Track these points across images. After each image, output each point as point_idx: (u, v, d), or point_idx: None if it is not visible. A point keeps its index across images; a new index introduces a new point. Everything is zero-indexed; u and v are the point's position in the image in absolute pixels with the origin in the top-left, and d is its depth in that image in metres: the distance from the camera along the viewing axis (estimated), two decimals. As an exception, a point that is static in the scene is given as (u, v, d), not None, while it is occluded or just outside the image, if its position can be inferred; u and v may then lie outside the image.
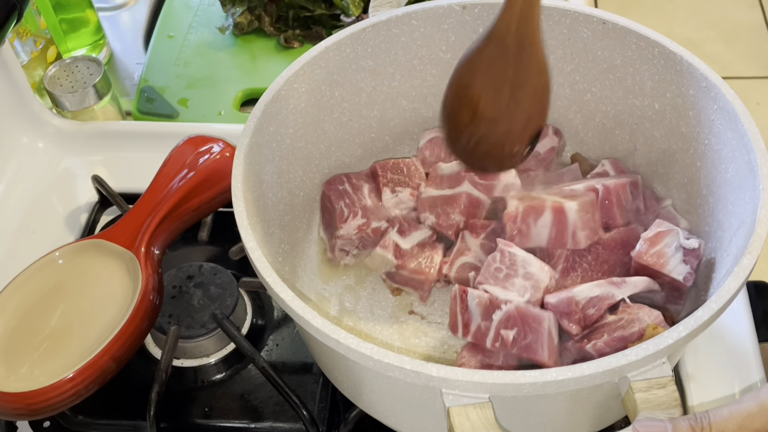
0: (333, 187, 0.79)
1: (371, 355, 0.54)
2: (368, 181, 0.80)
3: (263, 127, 0.70)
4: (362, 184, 0.80)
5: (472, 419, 0.52)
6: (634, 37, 0.72)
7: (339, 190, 0.78)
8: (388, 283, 0.77)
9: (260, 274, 0.60)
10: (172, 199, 0.76)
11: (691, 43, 2.03)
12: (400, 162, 0.81)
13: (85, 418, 0.75)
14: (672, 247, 0.68)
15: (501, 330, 0.66)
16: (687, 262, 0.67)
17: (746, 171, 0.63)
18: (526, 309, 0.66)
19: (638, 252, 0.69)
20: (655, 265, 0.67)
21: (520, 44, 0.61)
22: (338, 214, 0.77)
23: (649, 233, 0.69)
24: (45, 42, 1.03)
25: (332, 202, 0.78)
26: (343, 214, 0.77)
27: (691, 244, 0.67)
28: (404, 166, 0.80)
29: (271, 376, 0.73)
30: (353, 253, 0.79)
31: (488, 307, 0.67)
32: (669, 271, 0.67)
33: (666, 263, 0.67)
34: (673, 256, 0.67)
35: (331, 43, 0.74)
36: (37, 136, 0.96)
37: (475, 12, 0.77)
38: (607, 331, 0.65)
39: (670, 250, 0.68)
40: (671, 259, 0.67)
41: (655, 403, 0.53)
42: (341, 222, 0.77)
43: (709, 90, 0.68)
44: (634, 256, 0.69)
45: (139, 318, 0.70)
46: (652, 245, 0.68)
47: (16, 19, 0.84)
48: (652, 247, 0.68)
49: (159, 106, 1.05)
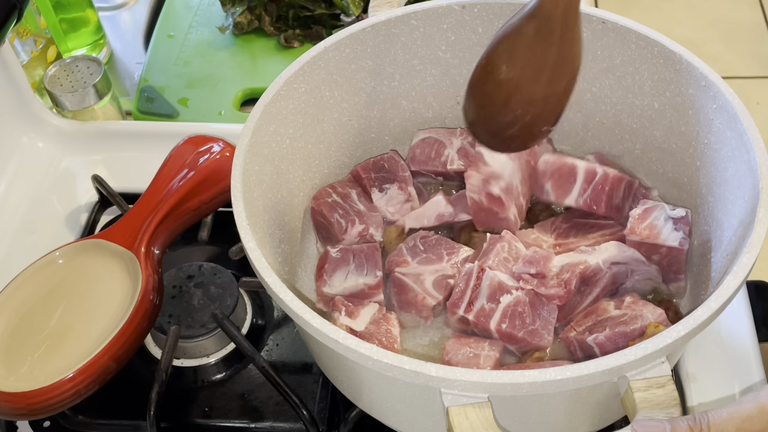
0: (322, 201, 0.78)
1: (370, 355, 0.54)
2: (354, 186, 0.80)
3: (263, 127, 0.70)
4: (349, 190, 0.79)
5: (471, 419, 0.53)
6: (634, 36, 0.72)
7: (329, 203, 0.78)
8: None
9: (260, 274, 0.60)
10: (172, 199, 0.76)
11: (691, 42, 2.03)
12: (380, 159, 0.81)
13: (85, 418, 0.75)
14: (661, 219, 0.70)
15: (509, 312, 0.68)
16: (678, 229, 0.69)
17: (746, 170, 0.63)
18: (536, 296, 0.69)
19: (630, 228, 0.70)
20: (648, 237, 0.69)
21: (566, 24, 0.59)
22: (336, 227, 0.77)
23: (637, 211, 0.71)
24: (45, 42, 1.03)
25: (326, 216, 0.77)
26: (342, 226, 0.76)
27: (678, 213, 0.69)
28: (385, 162, 0.80)
29: (271, 376, 0.73)
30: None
31: (496, 291, 0.69)
32: (663, 241, 0.69)
33: (659, 233, 0.69)
34: (664, 226, 0.69)
35: (330, 44, 0.74)
36: (37, 136, 0.96)
37: (475, 11, 0.77)
38: (610, 326, 0.66)
39: (660, 222, 0.69)
40: (663, 229, 0.69)
41: (654, 402, 0.53)
42: (342, 234, 0.76)
43: (708, 89, 0.68)
44: (626, 233, 0.70)
45: (139, 318, 0.70)
46: (642, 220, 0.70)
47: (16, 19, 0.84)
48: (642, 222, 0.70)
49: (159, 105, 1.05)
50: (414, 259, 0.74)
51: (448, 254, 0.74)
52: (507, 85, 0.62)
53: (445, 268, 0.73)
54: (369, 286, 0.73)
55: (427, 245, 0.74)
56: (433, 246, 0.74)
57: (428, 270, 0.73)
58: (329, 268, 0.73)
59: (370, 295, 0.73)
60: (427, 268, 0.73)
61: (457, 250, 0.74)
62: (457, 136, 0.82)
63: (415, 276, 0.73)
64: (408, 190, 0.79)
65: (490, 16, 0.77)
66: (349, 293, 0.73)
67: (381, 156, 0.81)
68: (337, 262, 0.74)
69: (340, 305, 0.71)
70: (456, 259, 0.73)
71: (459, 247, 0.74)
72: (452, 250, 0.74)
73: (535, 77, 0.62)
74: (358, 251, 0.74)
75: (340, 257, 0.74)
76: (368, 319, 0.71)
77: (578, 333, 0.67)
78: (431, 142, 0.82)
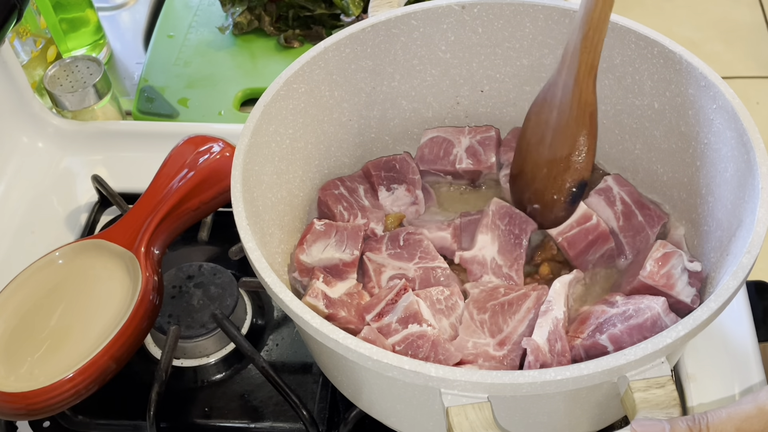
0: (328, 193, 0.78)
1: (370, 355, 0.54)
2: (362, 182, 0.80)
3: (263, 127, 0.70)
4: (357, 185, 0.80)
5: (470, 419, 0.53)
6: (634, 36, 0.72)
7: (335, 194, 0.78)
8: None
9: (260, 274, 0.60)
10: (172, 199, 0.76)
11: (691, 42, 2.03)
12: (392, 159, 0.81)
13: (85, 418, 0.75)
14: (678, 269, 0.68)
15: (408, 340, 0.66)
16: (692, 284, 0.67)
17: (745, 170, 0.63)
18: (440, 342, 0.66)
19: (649, 272, 0.67)
20: (665, 286, 0.67)
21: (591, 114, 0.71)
22: (338, 219, 0.77)
23: (656, 253, 0.68)
24: (45, 42, 1.03)
25: (330, 208, 0.77)
26: (344, 218, 0.77)
27: (694, 267, 0.67)
28: (396, 162, 0.81)
29: (271, 376, 0.73)
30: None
31: (409, 316, 0.67)
32: (677, 293, 0.67)
33: (674, 285, 0.67)
34: (679, 278, 0.67)
35: (330, 44, 0.74)
36: (37, 136, 0.96)
37: (475, 11, 0.77)
38: (619, 321, 0.64)
39: (677, 272, 0.68)
40: (678, 281, 0.67)
41: (654, 402, 0.53)
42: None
43: (708, 89, 0.68)
44: (644, 276, 0.68)
45: (139, 318, 0.70)
46: (661, 266, 0.68)
47: (16, 19, 0.84)
48: (661, 268, 0.68)
49: (159, 105, 1.05)
50: (387, 250, 0.74)
51: (421, 257, 0.73)
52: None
53: (407, 269, 0.73)
54: (344, 262, 0.73)
55: (407, 242, 0.74)
56: (411, 245, 0.74)
57: (393, 264, 0.73)
58: (310, 239, 0.74)
59: (344, 272, 0.73)
60: (393, 262, 0.73)
61: (432, 258, 0.73)
62: (465, 135, 0.82)
63: (378, 265, 0.73)
64: (416, 193, 0.79)
65: (490, 16, 0.77)
66: (324, 265, 0.73)
67: (394, 156, 0.81)
68: (318, 234, 0.74)
69: (319, 273, 0.71)
70: (425, 264, 0.73)
71: (435, 255, 0.73)
72: (426, 254, 0.73)
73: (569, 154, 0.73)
74: (342, 228, 0.74)
75: (323, 230, 0.74)
76: (344, 290, 0.71)
77: (583, 339, 0.65)
78: (440, 141, 0.82)
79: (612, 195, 0.76)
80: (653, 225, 0.75)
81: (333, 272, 0.73)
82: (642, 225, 0.75)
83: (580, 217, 0.74)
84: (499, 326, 0.68)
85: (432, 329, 0.66)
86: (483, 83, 0.82)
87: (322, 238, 0.74)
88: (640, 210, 0.75)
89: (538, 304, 0.68)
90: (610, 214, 0.75)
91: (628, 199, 0.76)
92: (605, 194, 0.76)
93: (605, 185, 0.77)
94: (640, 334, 0.63)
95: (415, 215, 0.80)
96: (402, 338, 0.66)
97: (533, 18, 0.76)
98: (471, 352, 0.67)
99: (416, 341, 0.66)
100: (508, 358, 0.66)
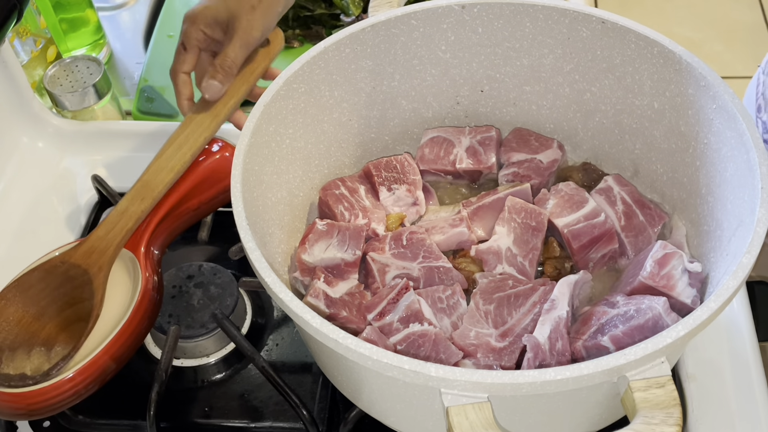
0: (329, 193, 0.78)
1: (370, 355, 0.54)
2: (363, 182, 0.81)
3: (263, 127, 0.70)
4: (358, 186, 0.80)
5: (470, 419, 0.53)
6: (634, 36, 0.72)
7: (336, 194, 0.78)
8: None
9: (260, 274, 0.60)
10: (171, 199, 0.76)
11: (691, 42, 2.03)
12: (393, 159, 0.81)
13: (85, 418, 0.75)
14: (678, 270, 0.67)
15: (410, 338, 0.67)
16: (692, 285, 0.67)
17: (745, 170, 0.63)
18: (441, 341, 0.66)
19: (650, 273, 0.67)
20: (665, 287, 0.67)
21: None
22: (339, 219, 0.77)
23: (657, 254, 0.68)
24: (45, 42, 1.03)
25: (331, 208, 0.77)
26: (345, 218, 0.77)
27: (694, 267, 0.67)
28: (397, 163, 0.81)
29: (271, 376, 0.73)
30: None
31: (411, 315, 0.67)
32: (677, 294, 0.67)
33: (675, 286, 0.67)
34: (680, 279, 0.67)
35: (330, 44, 0.74)
36: (37, 136, 0.96)
37: (475, 11, 0.77)
38: (621, 322, 0.64)
39: (677, 273, 0.67)
40: (679, 282, 0.67)
41: (654, 402, 0.53)
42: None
43: (708, 89, 0.68)
44: (644, 277, 0.67)
45: (139, 318, 0.70)
46: (662, 267, 0.68)
47: (16, 19, 0.84)
48: (661, 269, 0.68)
49: (159, 105, 1.05)
50: (390, 250, 0.74)
51: (424, 257, 0.73)
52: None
53: (411, 268, 0.73)
54: (345, 262, 0.73)
55: (410, 241, 0.74)
56: (414, 244, 0.74)
57: (396, 264, 0.73)
58: (312, 238, 0.74)
59: (346, 272, 0.74)
60: (397, 262, 0.73)
61: (435, 257, 0.73)
62: (465, 135, 0.82)
63: (382, 265, 0.73)
64: (416, 194, 0.79)
65: (490, 16, 0.77)
66: (326, 265, 0.73)
67: (394, 156, 0.81)
68: (321, 234, 0.74)
69: (320, 273, 0.71)
70: (428, 263, 0.73)
71: (439, 255, 0.74)
72: (430, 253, 0.74)
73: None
74: (344, 228, 0.75)
75: (326, 230, 0.74)
76: (345, 290, 0.71)
77: (585, 340, 0.65)
78: (440, 141, 0.82)
79: (612, 195, 0.76)
80: (654, 225, 0.75)
81: (334, 272, 0.73)
82: (643, 225, 0.75)
83: (589, 213, 0.74)
84: (503, 318, 0.68)
85: (433, 328, 0.66)
86: (483, 83, 0.82)
87: (324, 237, 0.74)
88: (641, 210, 0.75)
89: (544, 299, 0.68)
90: (611, 213, 0.75)
91: (628, 199, 0.76)
92: (606, 194, 0.76)
93: (605, 185, 0.77)
94: (641, 334, 0.63)
95: (416, 215, 0.80)
96: (403, 337, 0.67)
97: (533, 18, 0.76)
98: (472, 342, 0.67)
99: (417, 340, 0.66)
100: (508, 350, 0.66)
